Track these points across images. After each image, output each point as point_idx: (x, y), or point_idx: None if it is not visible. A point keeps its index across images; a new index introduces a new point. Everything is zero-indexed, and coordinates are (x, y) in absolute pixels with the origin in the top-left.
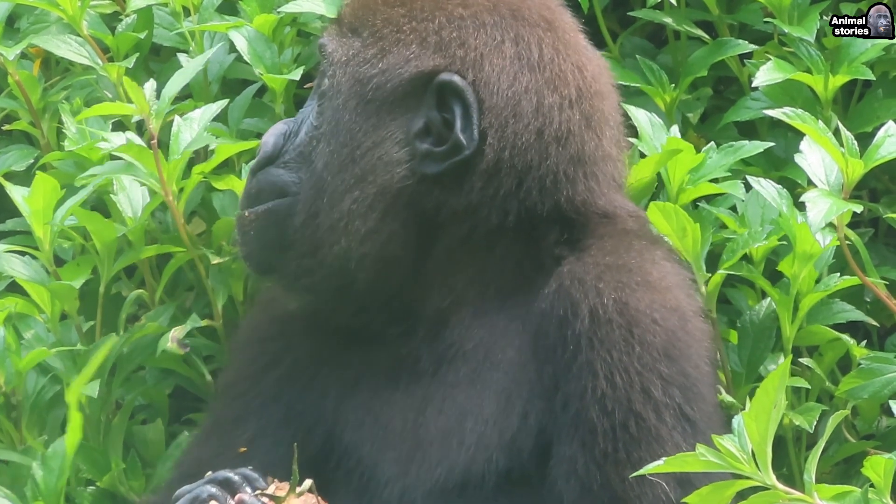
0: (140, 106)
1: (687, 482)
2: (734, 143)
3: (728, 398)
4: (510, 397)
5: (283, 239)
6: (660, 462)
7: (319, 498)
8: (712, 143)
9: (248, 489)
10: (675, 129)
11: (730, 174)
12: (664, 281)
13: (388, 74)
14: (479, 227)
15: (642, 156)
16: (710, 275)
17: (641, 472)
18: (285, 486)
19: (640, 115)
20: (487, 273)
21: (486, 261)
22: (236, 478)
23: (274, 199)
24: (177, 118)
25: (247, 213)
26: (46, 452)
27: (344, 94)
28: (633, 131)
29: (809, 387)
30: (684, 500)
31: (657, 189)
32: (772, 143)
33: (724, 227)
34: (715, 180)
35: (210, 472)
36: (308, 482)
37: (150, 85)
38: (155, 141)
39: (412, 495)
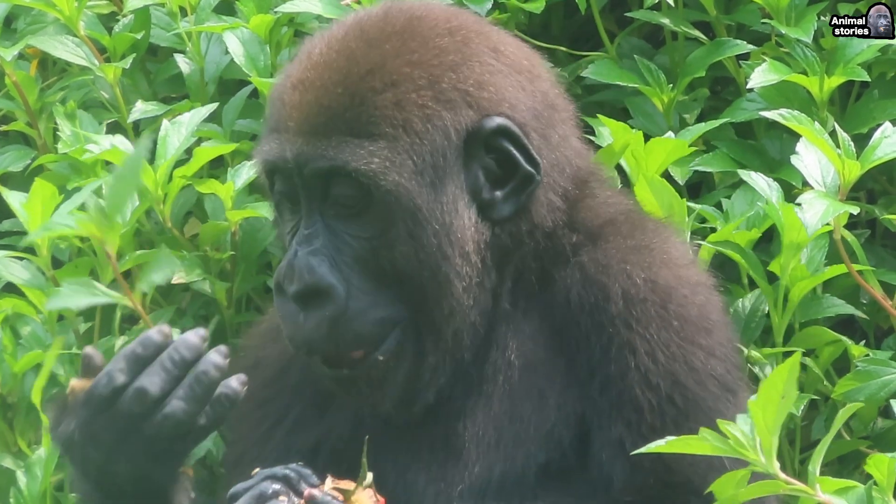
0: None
1: None
2: (691, 126)
3: (756, 353)
4: (543, 392)
5: (413, 361)
6: (661, 442)
7: (378, 494)
8: (669, 132)
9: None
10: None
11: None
12: (684, 258)
13: (437, 153)
14: (539, 235)
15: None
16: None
17: (641, 450)
18: (340, 482)
19: (604, 132)
20: (524, 279)
21: (528, 267)
22: (293, 474)
23: (384, 335)
24: (165, 122)
25: (347, 372)
26: (30, 458)
27: (404, 195)
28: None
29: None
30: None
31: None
32: (730, 119)
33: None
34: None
35: (259, 469)
36: (370, 475)
37: None
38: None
39: (448, 494)
